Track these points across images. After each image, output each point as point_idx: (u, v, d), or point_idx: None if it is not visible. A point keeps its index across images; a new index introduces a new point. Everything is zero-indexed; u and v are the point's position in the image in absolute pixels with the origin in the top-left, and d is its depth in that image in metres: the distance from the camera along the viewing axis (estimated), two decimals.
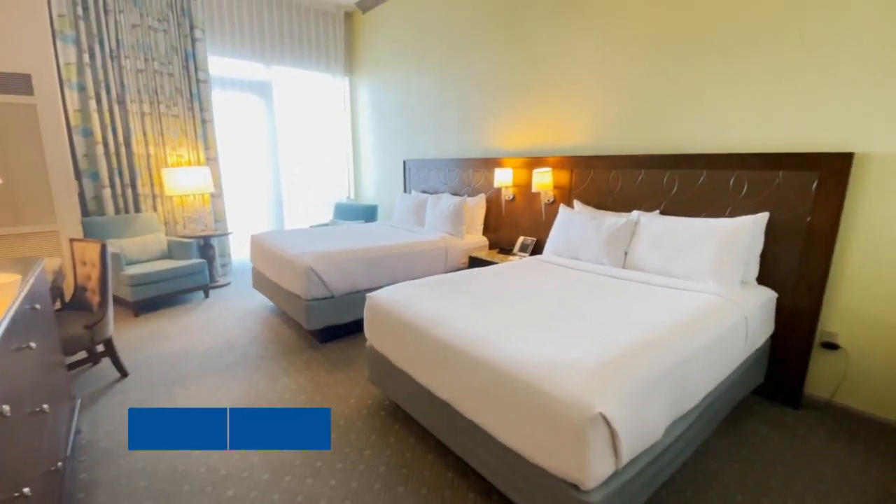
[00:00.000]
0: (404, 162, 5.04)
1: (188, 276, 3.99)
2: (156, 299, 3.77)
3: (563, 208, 3.10)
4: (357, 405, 2.35)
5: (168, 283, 3.83)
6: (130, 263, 3.89)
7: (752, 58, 2.34)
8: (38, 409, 1.38)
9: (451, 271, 3.65)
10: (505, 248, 3.70)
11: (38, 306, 1.55)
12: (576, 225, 2.87)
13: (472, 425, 1.59)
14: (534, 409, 1.31)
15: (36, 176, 3.35)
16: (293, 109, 5.39)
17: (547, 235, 3.26)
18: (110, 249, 3.63)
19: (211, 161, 4.69)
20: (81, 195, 4.00)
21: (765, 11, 2.27)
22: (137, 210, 4.32)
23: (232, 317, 3.67)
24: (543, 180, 3.26)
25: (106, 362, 2.70)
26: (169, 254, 4.20)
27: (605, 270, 2.55)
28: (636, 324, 1.68)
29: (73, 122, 3.83)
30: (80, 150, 3.90)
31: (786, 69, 2.23)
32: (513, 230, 3.78)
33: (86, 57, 3.79)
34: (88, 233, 3.81)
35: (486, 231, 4.01)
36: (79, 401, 2.07)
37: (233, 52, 4.77)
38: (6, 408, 1.02)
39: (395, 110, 5.16)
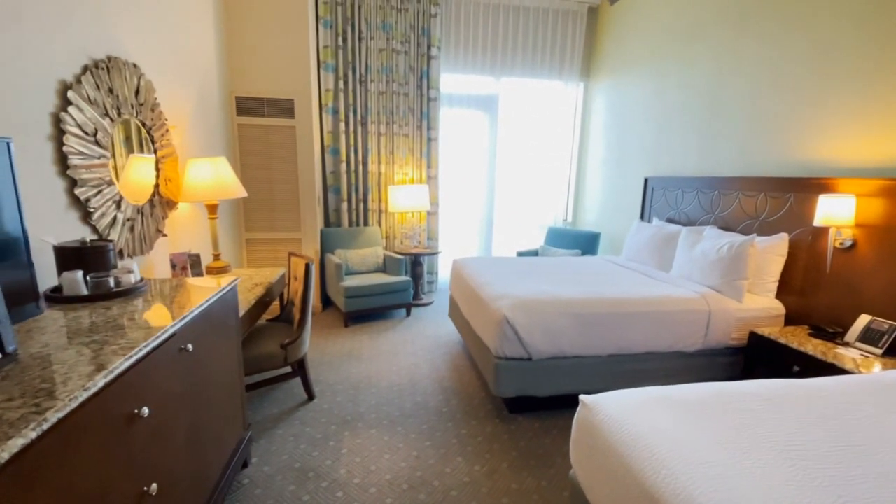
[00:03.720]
0: (646, 180, 3.91)
1: (395, 293, 3.93)
2: (364, 312, 3.81)
3: None
4: None
5: (377, 297, 3.84)
6: (350, 274, 4.07)
7: None
8: (144, 489, 1.09)
9: (712, 349, 2.42)
10: (822, 329, 2.21)
11: (189, 347, 1.32)
12: None
13: None
14: None
15: (288, 189, 3.79)
16: (517, 123, 4.93)
17: None
18: (336, 260, 3.86)
19: (431, 179, 4.64)
20: (326, 207, 4.46)
21: None
22: (366, 223, 4.58)
23: (423, 346, 3.36)
24: None
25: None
26: (384, 267, 4.28)
27: None
28: None
29: (325, 143, 4.28)
30: (328, 168, 4.34)
31: None
32: (843, 300, 2.24)
33: (340, 83, 4.17)
34: (325, 242, 4.17)
35: (782, 292, 2.55)
36: (248, 434, 1.92)
37: (464, 68, 4.62)
38: None
39: (640, 115, 4.08)
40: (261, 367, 2.26)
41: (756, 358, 2.30)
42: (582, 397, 1.36)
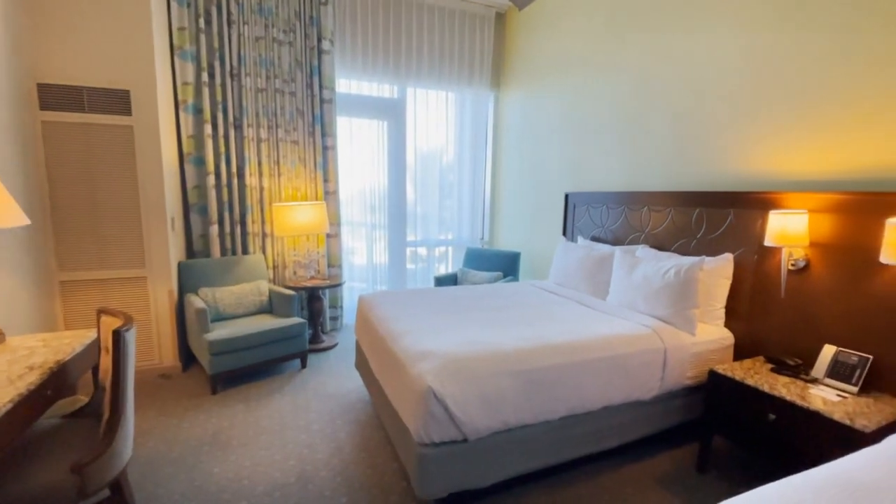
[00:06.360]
0: (566, 196, 3.62)
1: (285, 341, 3.08)
2: (241, 371, 2.90)
3: None
4: None
5: (258, 350, 2.95)
6: (221, 319, 3.14)
7: None
8: None
9: (669, 391, 2.06)
10: (782, 363, 1.96)
11: None
12: None
13: None
14: None
15: (126, 209, 2.79)
16: (426, 132, 4.43)
17: None
18: (197, 303, 2.89)
19: (329, 195, 3.90)
20: (188, 232, 3.47)
21: None
22: (245, 251, 3.66)
23: (321, 413, 2.58)
24: None
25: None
26: (269, 307, 3.40)
27: None
28: None
29: (185, 150, 3.31)
30: (190, 182, 3.36)
31: None
32: (798, 327, 2.02)
33: (204, 76, 3.27)
34: (185, 279, 3.18)
35: (728, 319, 2.30)
36: None
37: (363, 72, 3.98)
38: None
39: (556, 127, 3.81)
40: None
41: (718, 400, 1.97)
42: None
